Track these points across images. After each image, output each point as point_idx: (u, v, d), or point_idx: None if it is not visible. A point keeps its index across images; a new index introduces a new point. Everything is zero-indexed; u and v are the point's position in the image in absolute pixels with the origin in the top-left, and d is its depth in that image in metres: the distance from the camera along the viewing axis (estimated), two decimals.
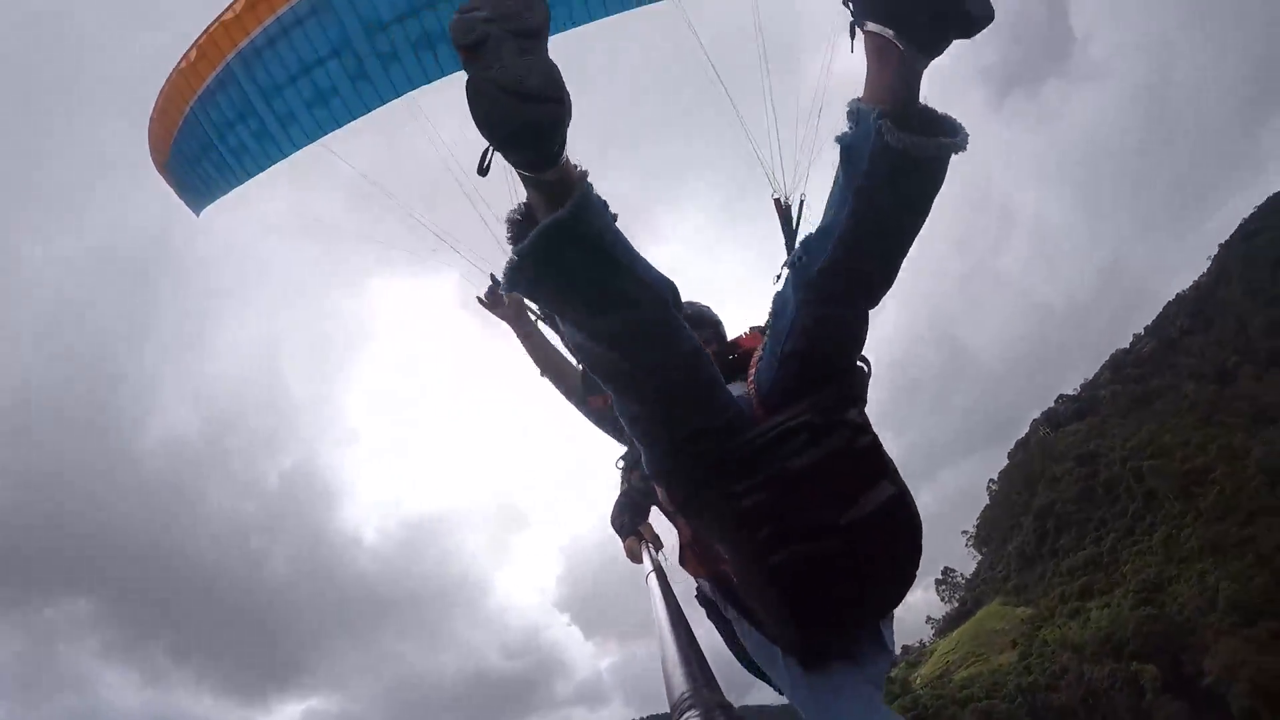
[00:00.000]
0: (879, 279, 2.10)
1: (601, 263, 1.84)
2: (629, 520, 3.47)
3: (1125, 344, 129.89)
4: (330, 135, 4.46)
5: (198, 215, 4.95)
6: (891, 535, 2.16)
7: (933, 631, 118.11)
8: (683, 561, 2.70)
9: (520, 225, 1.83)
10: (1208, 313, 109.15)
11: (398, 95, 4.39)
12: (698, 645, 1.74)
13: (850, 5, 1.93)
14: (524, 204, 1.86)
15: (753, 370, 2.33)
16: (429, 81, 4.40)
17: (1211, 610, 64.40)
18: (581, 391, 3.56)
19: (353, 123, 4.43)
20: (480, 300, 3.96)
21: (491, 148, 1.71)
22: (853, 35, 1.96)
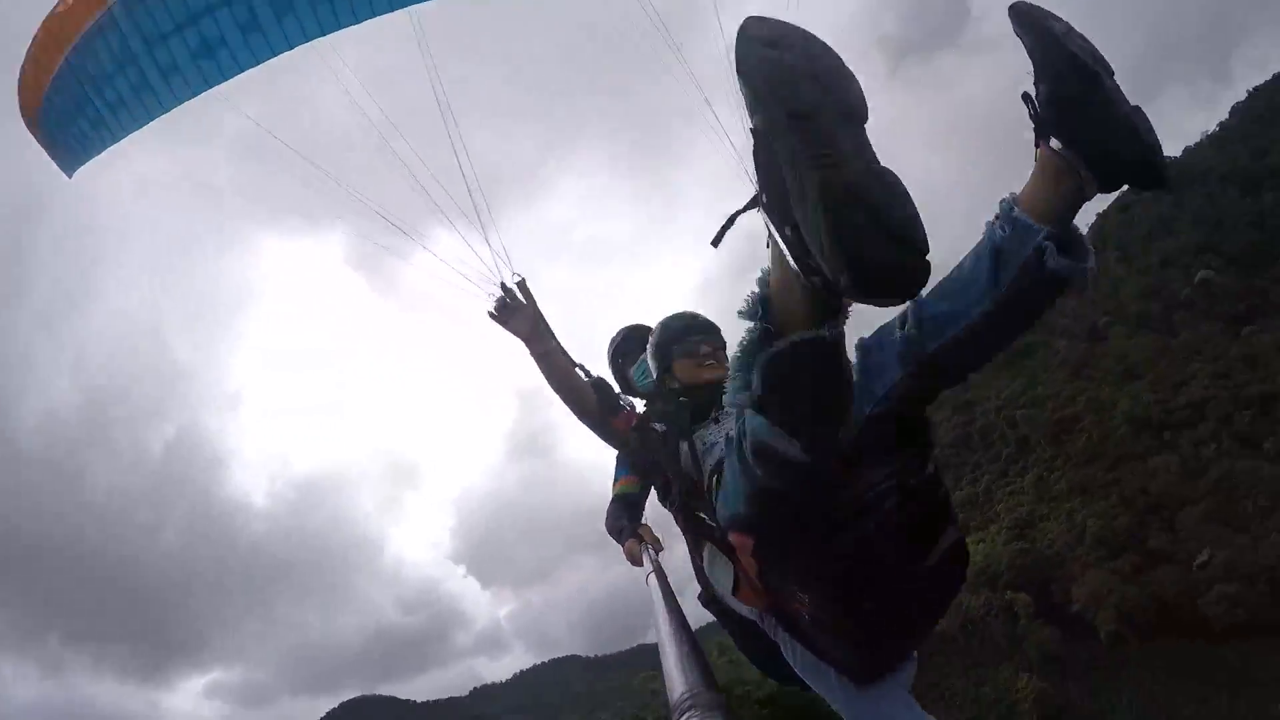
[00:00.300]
0: (979, 367, 2.13)
1: (838, 379, 1.80)
2: (627, 524, 3.38)
3: None
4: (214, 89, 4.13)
5: (70, 176, 4.51)
6: (956, 573, 2.32)
7: None
8: (735, 592, 2.66)
9: (766, 332, 1.75)
10: None
11: (290, 48, 4.10)
12: (698, 646, 1.73)
13: (1037, 117, 1.85)
14: (760, 300, 1.77)
15: None
16: (323, 34, 4.13)
17: (1079, 545, 68.29)
18: (599, 414, 3.35)
19: (238, 76, 4.12)
20: (491, 315, 3.52)
21: (735, 219, 1.66)
22: (1036, 145, 1.87)
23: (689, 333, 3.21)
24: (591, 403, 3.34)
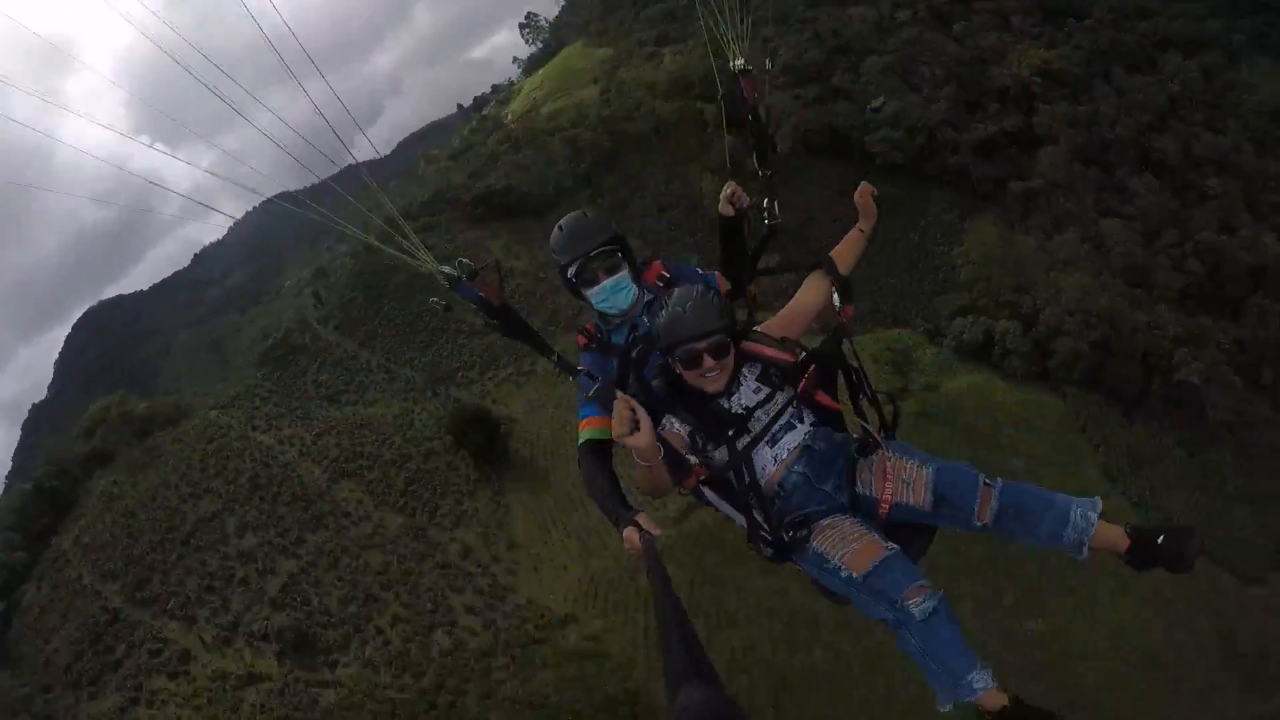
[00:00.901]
0: None
1: None
2: (624, 511, 3.11)
3: None
4: None
5: None
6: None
7: (520, 71, 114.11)
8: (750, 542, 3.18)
9: None
10: None
11: None
12: (697, 638, 1.75)
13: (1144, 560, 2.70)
14: None
15: (886, 508, 2.91)
16: None
17: (766, 70, 67.25)
18: (677, 485, 3.05)
19: None
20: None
21: None
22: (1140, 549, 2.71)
23: (693, 339, 2.96)
24: (670, 483, 3.01)
